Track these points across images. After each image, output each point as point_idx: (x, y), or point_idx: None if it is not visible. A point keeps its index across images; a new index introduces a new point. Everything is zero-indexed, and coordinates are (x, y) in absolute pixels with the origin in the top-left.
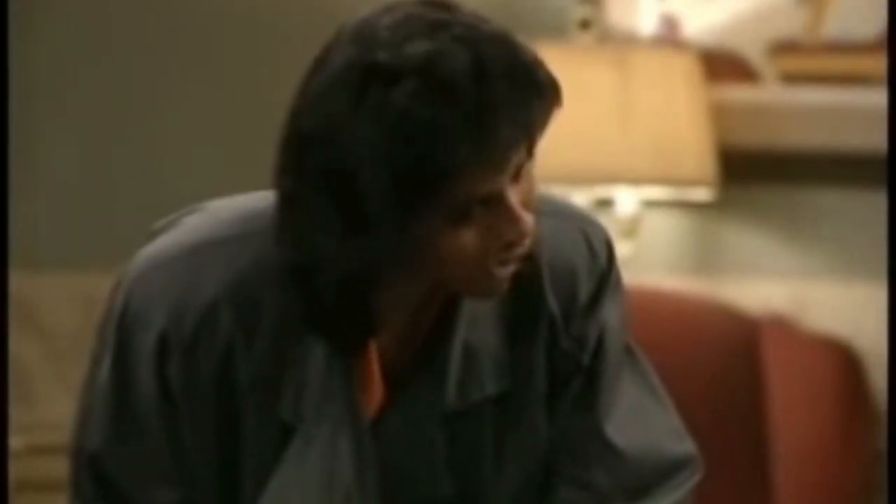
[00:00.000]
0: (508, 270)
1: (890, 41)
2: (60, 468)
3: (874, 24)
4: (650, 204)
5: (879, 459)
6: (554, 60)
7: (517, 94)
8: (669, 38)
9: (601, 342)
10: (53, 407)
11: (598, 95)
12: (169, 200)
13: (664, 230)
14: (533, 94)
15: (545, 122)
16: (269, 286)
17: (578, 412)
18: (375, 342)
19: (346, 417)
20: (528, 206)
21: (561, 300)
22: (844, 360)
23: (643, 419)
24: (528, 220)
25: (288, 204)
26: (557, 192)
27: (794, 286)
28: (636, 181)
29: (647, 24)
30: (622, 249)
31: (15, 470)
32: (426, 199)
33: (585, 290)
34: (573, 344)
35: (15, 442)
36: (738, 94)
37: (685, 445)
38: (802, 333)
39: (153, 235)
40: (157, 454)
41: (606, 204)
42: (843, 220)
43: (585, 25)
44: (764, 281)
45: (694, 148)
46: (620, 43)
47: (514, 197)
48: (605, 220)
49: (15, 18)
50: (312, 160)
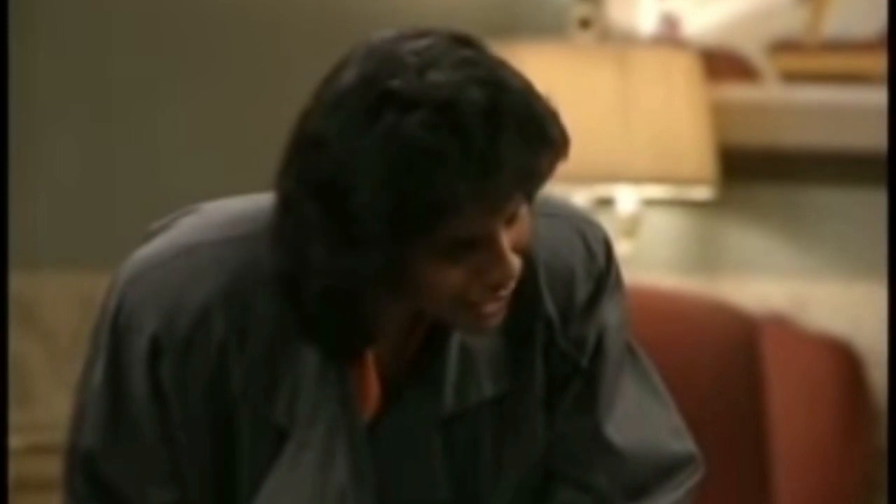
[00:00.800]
0: (494, 310)
1: (890, 40)
2: (60, 468)
3: (874, 22)
4: (650, 203)
5: (879, 457)
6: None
7: (526, 144)
8: (669, 36)
9: (600, 343)
10: (53, 407)
11: (598, 94)
12: (169, 201)
13: (664, 229)
14: (542, 146)
15: (549, 173)
16: (262, 290)
17: (578, 413)
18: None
19: (341, 421)
20: (518, 249)
21: (558, 301)
22: (844, 358)
23: (643, 418)
24: (515, 263)
25: (285, 206)
26: (557, 191)
27: (793, 285)
28: (636, 180)
29: (647, 22)
30: (622, 248)
31: (14, 469)
32: (419, 230)
33: (583, 291)
34: (571, 346)
35: (14, 441)
36: (738, 92)
37: (686, 444)
38: (802, 332)
39: (149, 237)
40: (150, 456)
41: (607, 203)
42: (842, 219)
43: (585, 24)
44: (764, 280)
45: (694, 147)
46: (620, 42)
47: (505, 239)
48: (605, 219)
49: (15, 18)
50: (314, 166)
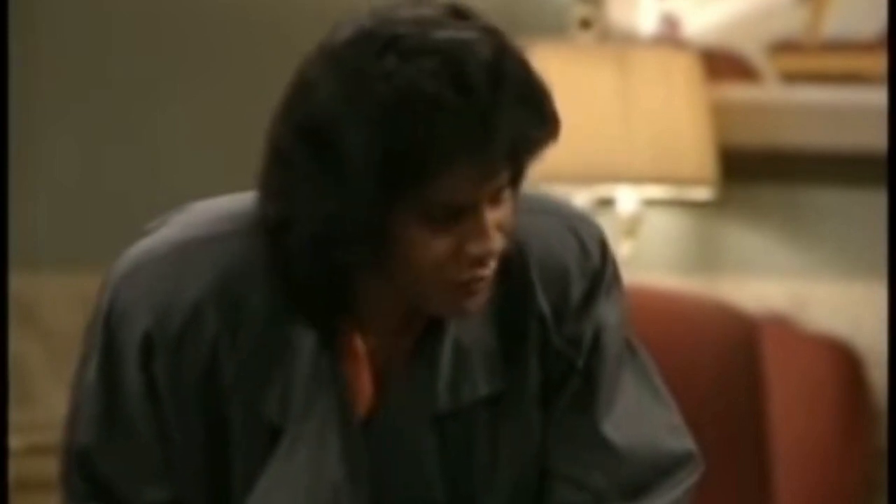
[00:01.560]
0: (474, 290)
1: (890, 40)
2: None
3: (874, 23)
4: (650, 203)
5: (879, 457)
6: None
7: (524, 111)
8: (670, 37)
9: (598, 341)
10: (53, 406)
11: (598, 95)
12: (169, 201)
13: (664, 229)
14: (538, 119)
15: (539, 150)
16: (254, 285)
17: (576, 412)
18: (364, 340)
19: (334, 417)
20: (501, 230)
21: (552, 299)
22: (844, 358)
23: (642, 417)
24: (496, 241)
25: (275, 155)
26: (557, 191)
27: (793, 285)
28: (636, 180)
29: (647, 23)
30: (622, 249)
31: (14, 469)
32: (408, 182)
33: (578, 289)
34: (566, 344)
35: (15, 441)
36: (738, 93)
37: (685, 443)
38: (802, 332)
39: (144, 236)
40: (145, 453)
41: (607, 203)
42: (842, 219)
43: (586, 25)
44: (763, 280)
45: (694, 147)
46: (621, 42)
47: (488, 215)
48: (605, 219)
49: (15, 19)
50: (307, 109)
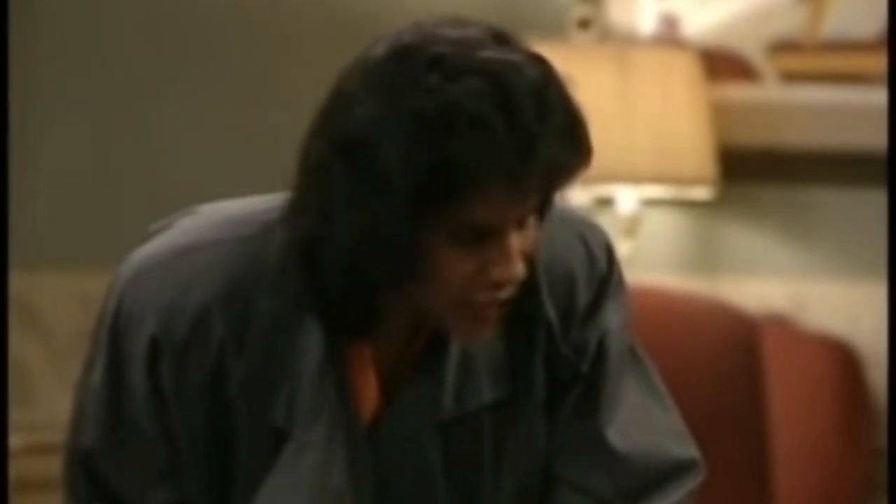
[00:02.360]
0: (491, 315)
1: (890, 40)
2: (60, 467)
3: (874, 22)
4: (650, 203)
5: (879, 457)
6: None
7: (565, 140)
8: (669, 37)
9: (602, 347)
10: (53, 406)
11: (597, 94)
12: (169, 200)
13: (664, 229)
14: (576, 148)
15: (570, 180)
16: (261, 291)
17: (579, 418)
18: (371, 347)
19: (340, 423)
20: (524, 256)
21: (558, 305)
22: (843, 358)
23: (645, 423)
24: (520, 267)
25: (311, 168)
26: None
27: (793, 285)
28: (636, 180)
29: (646, 23)
30: (622, 248)
31: (15, 469)
32: (441, 200)
33: (584, 296)
34: (572, 351)
35: (15, 441)
36: (737, 92)
37: (688, 449)
38: (802, 332)
39: (147, 238)
40: (149, 456)
41: (606, 203)
42: (842, 218)
43: (585, 24)
44: (763, 280)
45: (694, 147)
46: (620, 42)
47: (514, 240)
48: (605, 219)
49: (15, 18)
50: (346, 124)
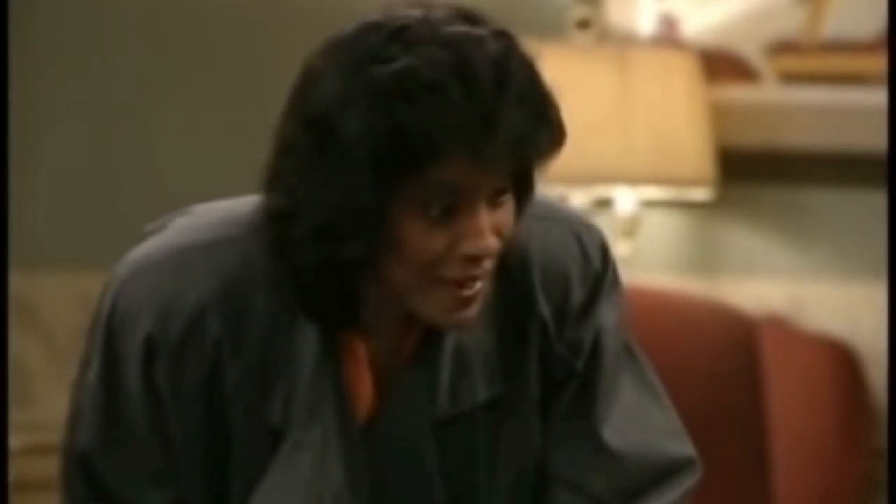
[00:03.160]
0: (468, 295)
1: (890, 41)
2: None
3: (873, 23)
4: (649, 204)
5: (879, 457)
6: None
7: (528, 111)
8: (669, 37)
9: (597, 346)
10: (53, 407)
11: (597, 95)
12: (169, 200)
13: (663, 230)
14: (542, 121)
15: (542, 156)
16: (257, 290)
17: (575, 417)
18: (365, 345)
19: (336, 422)
20: (499, 234)
21: (552, 304)
22: (843, 359)
23: (641, 421)
24: (491, 242)
25: (280, 146)
26: (557, 191)
27: (792, 286)
28: (635, 181)
29: (646, 23)
30: (621, 249)
31: (14, 469)
32: (404, 168)
33: (578, 294)
34: (567, 349)
35: (14, 441)
36: (737, 93)
37: (684, 447)
38: (801, 333)
39: (143, 238)
40: (145, 456)
41: (605, 204)
42: (842, 219)
43: (585, 25)
44: (762, 280)
45: (693, 147)
46: (620, 42)
47: (486, 218)
48: (603, 219)
49: (15, 18)
50: (311, 100)
